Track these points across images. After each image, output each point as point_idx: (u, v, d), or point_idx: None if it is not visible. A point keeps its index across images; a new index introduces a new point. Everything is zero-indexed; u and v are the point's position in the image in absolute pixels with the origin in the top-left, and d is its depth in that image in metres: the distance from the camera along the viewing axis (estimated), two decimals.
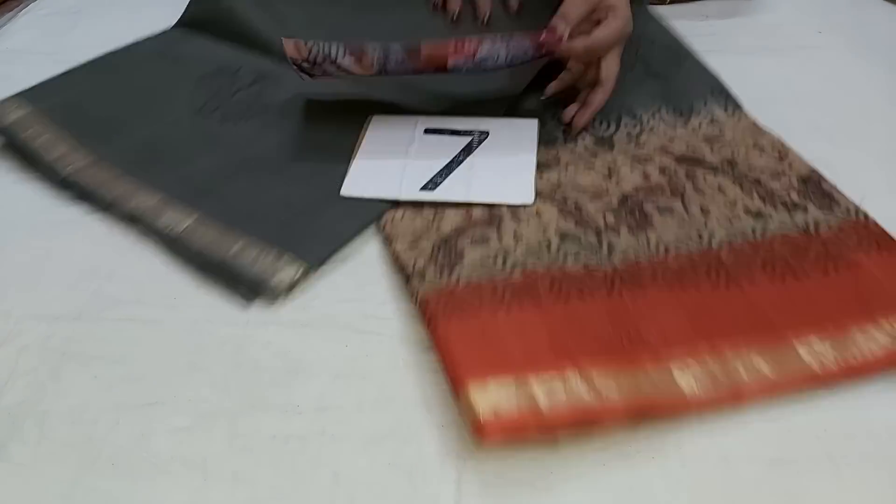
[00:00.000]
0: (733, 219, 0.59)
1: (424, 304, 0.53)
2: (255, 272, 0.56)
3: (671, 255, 0.56)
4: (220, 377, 0.51)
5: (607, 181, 0.64)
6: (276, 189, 0.64)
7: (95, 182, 0.65)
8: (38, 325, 0.55)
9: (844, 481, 0.45)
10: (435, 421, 0.48)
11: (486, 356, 0.48)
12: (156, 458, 0.47)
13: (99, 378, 0.51)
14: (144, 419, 0.49)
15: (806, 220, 0.59)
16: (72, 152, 0.67)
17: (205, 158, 0.67)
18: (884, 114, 0.76)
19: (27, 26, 0.95)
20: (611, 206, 0.61)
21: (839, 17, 0.94)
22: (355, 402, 0.50)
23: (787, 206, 0.60)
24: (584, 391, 0.46)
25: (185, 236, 0.59)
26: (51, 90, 0.74)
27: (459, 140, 0.68)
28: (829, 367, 0.49)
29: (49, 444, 0.47)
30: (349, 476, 0.46)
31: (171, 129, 0.70)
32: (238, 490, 0.45)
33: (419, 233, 0.59)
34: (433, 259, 0.56)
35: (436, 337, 0.51)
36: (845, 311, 0.52)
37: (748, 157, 0.66)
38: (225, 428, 0.48)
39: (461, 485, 0.45)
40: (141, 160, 0.66)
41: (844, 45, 0.88)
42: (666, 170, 0.65)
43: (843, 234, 0.57)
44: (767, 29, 0.93)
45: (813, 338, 0.50)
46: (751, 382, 0.48)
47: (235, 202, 0.62)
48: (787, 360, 0.49)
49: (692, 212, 0.60)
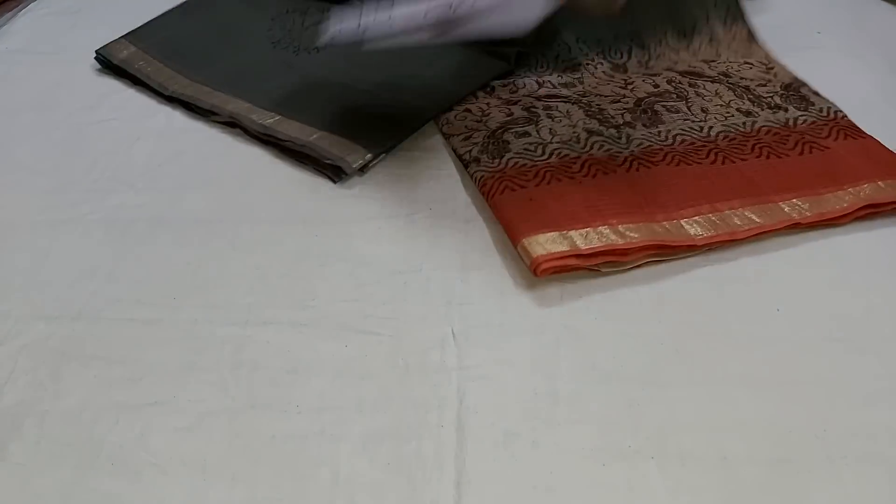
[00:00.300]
0: (728, 116, 0.73)
1: (482, 183, 0.65)
2: (334, 154, 0.68)
3: (678, 143, 0.70)
4: (220, 377, 0.51)
5: (624, 90, 0.78)
6: (342, 100, 0.77)
7: (194, 96, 0.77)
8: (37, 324, 0.55)
9: (844, 481, 0.45)
10: (434, 421, 0.48)
11: (534, 217, 0.60)
12: (155, 457, 0.47)
13: (98, 378, 0.51)
14: (144, 419, 0.49)
15: (787, 118, 0.73)
16: (173, 77, 0.80)
17: (282, 78, 0.79)
18: (882, 113, 0.76)
19: (27, 26, 0.95)
20: (627, 107, 0.75)
21: (838, 17, 0.94)
22: (355, 402, 0.50)
23: (772, 106, 0.75)
24: (613, 236, 0.58)
25: (272, 127, 0.72)
26: (149, 32, 0.87)
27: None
28: (805, 216, 0.62)
29: (48, 444, 0.47)
30: (348, 476, 0.46)
31: (254, 59, 0.83)
32: (237, 490, 0.45)
33: (471, 128, 0.72)
34: (485, 148, 0.69)
35: (494, 205, 0.63)
36: (818, 180, 0.65)
37: (740, 70, 0.81)
38: (224, 428, 0.48)
39: (460, 485, 0.45)
40: (229, 82, 0.78)
41: (843, 46, 0.88)
42: (672, 80, 0.79)
43: (817, 127, 0.72)
44: (767, 29, 0.92)
45: (793, 198, 0.63)
46: (743, 226, 0.61)
47: (309, 107, 0.74)
48: (772, 212, 0.62)
49: (694, 111, 0.74)
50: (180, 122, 0.77)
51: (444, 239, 0.62)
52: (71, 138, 0.74)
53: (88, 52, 0.83)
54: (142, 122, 0.77)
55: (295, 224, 0.64)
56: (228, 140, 0.74)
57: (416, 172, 0.69)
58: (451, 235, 0.62)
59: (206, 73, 0.80)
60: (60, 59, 0.85)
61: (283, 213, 0.65)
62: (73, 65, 0.84)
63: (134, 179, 0.69)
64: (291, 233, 0.63)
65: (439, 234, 0.62)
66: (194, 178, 0.69)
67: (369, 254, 0.61)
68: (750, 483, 0.45)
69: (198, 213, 0.65)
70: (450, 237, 0.62)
